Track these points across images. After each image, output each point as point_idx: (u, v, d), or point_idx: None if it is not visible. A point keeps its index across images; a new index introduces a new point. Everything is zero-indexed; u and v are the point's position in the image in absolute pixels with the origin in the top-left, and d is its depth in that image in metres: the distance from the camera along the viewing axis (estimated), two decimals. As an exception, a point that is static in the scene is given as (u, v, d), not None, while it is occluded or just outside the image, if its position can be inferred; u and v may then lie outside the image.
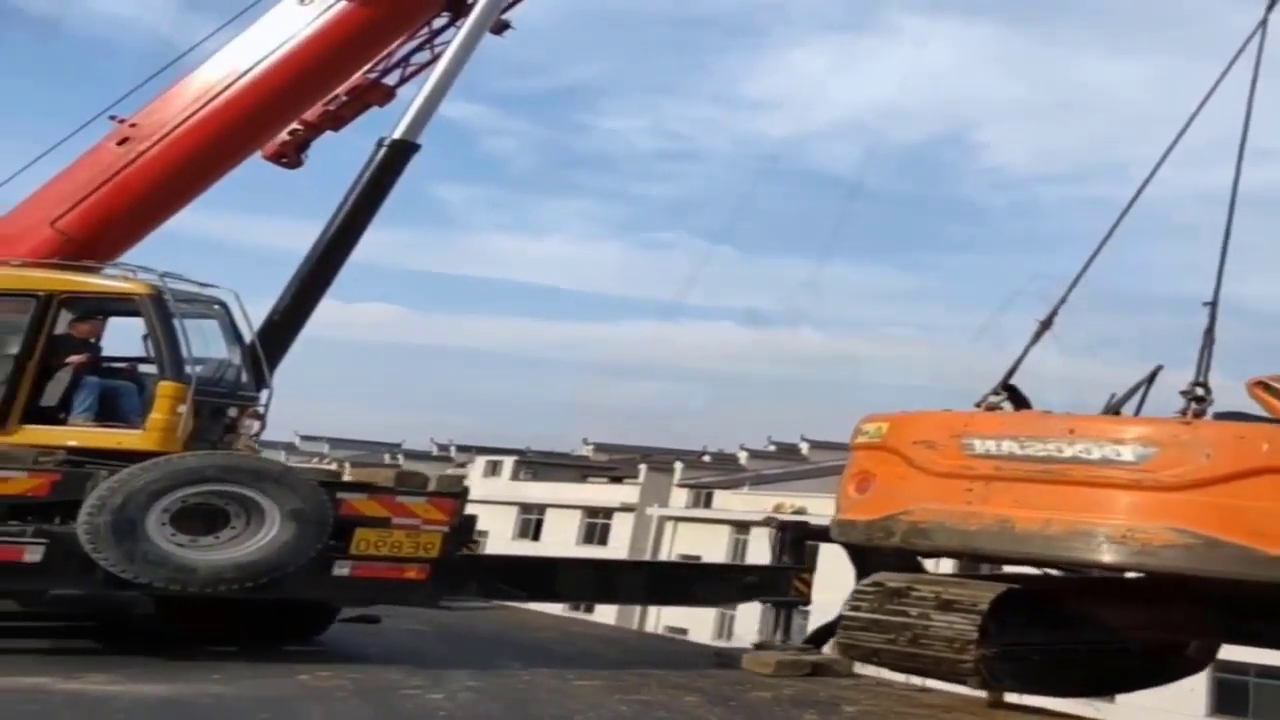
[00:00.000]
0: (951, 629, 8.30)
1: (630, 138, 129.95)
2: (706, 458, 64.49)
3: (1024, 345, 9.60)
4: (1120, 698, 19.76)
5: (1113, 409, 9.33)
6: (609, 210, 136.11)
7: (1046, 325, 9.63)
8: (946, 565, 10.07)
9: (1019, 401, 9.33)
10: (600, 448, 71.29)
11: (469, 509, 10.35)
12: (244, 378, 10.36)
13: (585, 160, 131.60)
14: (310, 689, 8.29)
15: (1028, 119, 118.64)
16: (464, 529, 10.38)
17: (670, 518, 55.32)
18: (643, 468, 59.72)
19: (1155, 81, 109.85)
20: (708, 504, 55.18)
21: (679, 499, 56.52)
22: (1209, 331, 8.88)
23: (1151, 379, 9.42)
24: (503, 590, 11.25)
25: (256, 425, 10.54)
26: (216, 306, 10.43)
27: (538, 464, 65.62)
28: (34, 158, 11.93)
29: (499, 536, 51.57)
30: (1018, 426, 8.74)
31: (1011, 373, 9.50)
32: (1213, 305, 8.94)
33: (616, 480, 62.03)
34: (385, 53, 12.98)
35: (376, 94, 13.31)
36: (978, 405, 9.27)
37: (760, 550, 25.94)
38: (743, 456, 62.55)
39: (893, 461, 9.04)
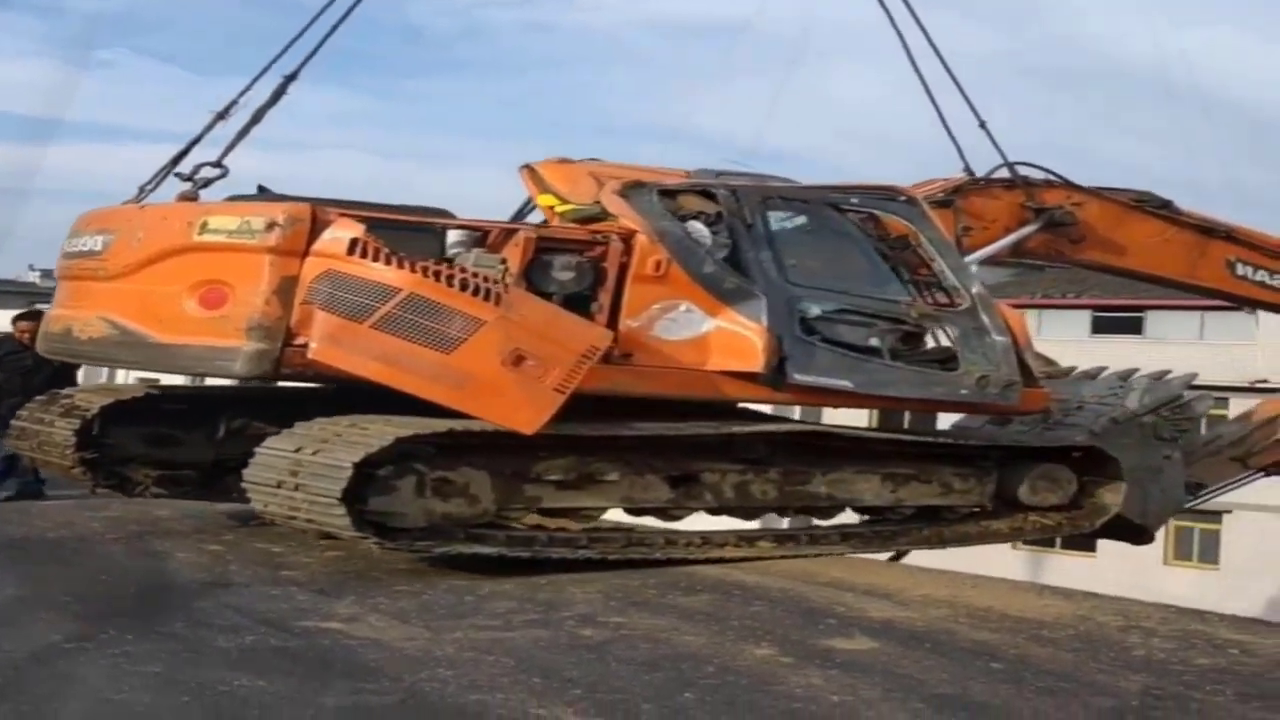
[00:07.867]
0: (60, 433, 8.25)
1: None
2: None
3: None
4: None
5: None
6: (38, 25, 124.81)
7: (222, 116, 8.38)
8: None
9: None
10: (49, 274, 67.75)
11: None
12: None
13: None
14: None
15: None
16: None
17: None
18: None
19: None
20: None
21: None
22: (265, 106, 8.38)
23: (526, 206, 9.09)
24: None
25: None
26: None
27: (-18, 291, 61.94)
28: None
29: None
30: (88, 223, 8.10)
31: (180, 157, 8.30)
32: (288, 79, 8.40)
33: (68, 302, 59.93)
34: None
35: None
36: (125, 202, 8.37)
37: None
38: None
39: None
